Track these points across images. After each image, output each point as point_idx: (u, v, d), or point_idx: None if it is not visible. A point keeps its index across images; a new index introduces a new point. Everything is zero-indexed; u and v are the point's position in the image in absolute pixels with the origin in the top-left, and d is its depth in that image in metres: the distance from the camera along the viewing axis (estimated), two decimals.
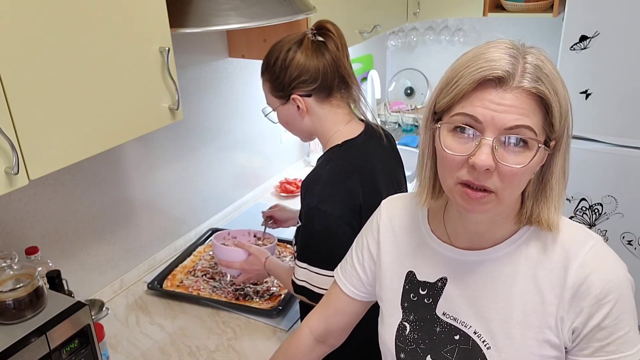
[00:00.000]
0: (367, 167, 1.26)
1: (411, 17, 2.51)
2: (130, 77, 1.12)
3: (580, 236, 0.83)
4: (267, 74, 1.27)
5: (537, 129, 0.74)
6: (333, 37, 1.23)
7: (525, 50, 0.75)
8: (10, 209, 1.33)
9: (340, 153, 1.25)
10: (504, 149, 0.74)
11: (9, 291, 1.04)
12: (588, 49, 2.17)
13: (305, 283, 1.25)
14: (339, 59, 1.24)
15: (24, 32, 0.91)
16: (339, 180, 1.21)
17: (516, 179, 0.75)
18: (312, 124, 1.29)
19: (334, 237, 1.19)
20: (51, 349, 1.03)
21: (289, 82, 1.23)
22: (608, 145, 2.26)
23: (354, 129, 1.29)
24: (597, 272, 0.79)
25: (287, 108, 1.28)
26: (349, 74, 1.27)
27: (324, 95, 1.26)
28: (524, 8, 2.39)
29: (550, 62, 0.76)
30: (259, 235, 1.73)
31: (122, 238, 1.68)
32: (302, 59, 1.21)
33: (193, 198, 1.93)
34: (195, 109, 1.84)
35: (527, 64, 0.74)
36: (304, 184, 1.24)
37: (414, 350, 0.92)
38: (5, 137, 0.89)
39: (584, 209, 2.37)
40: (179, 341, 1.45)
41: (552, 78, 0.74)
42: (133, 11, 1.10)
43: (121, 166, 1.63)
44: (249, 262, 1.46)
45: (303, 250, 1.25)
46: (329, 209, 1.18)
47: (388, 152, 1.37)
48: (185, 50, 1.75)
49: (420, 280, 0.92)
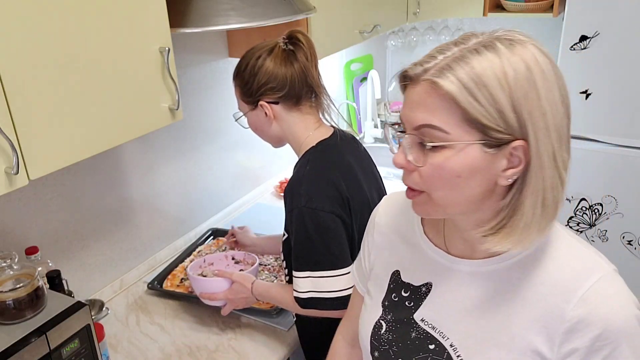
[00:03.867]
0: (345, 163, 1.27)
1: (411, 17, 2.51)
2: (130, 77, 1.12)
3: (588, 264, 0.74)
4: (237, 79, 1.29)
5: (450, 127, 0.67)
6: (303, 47, 1.24)
7: (483, 41, 0.68)
8: (10, 209, 1.33)
9: (317, 153, 1.26)
10: (418, 148, 0.71)
11: (9, 291, 1.04)
12: (588, 49, 2.17)
13: (312, 293, 1.21)
14: (307, 69, 1.24)
15: (24, 32, 0.91)
16: (322, 177, 1.21)
17: (438, 181, 0.70)
18: (281, 130, 1.30)
19: (329, 232, 1.18)
20: (51, 349, 1.03)
21: (257, 88, 1.25)
22: (608, 145, 2.26)
23: (325, 132, 1.31)
24: (598, 309, 0.70)
25: (256, 114, 1.29)
26: (317, 84, 1.28)
27: (292, 103, 1.26)
28: (524, 8, 2.39)
29: (527, 56, 0.67)
30: (237, 258, 1.63)
31: (122, 238, 1.68)
32: (270, 66, 1.23)
33: (193, 198, 1.93)
34: (195, 109, 1.84)
35: (449, 56, 0.67)
36: (287, 191, 1.23)
37: (386, 352, 0.88)
38: (5, 137, 0.89)
39: (584, 209, 2.37)
40: (179, 341, 1.45)
41: (479, 70, 0.66)
42: (133, 11, 1.10)
43: (121, 166, 1.63)
44: (233, 291, 1.39)
45: (300, 258, 1.22)
46: (318, 205, 1.18)
47: (360, 150, 1.39)
48: (185, 50, 1.75)
49: (404, 281, 0.88)
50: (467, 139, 0.68)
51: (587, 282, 0.72)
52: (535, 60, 0.68)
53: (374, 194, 1.33)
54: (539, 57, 0.68)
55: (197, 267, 1.55)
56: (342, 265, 1.19)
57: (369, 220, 1.01)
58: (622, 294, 0.72)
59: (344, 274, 1.19)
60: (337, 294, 1.19)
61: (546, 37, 2.69)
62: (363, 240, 1.02)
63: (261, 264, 1.71)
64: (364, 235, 1.02)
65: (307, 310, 1.24)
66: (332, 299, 1.19)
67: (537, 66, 0.68)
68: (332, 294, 1.19)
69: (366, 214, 1.24)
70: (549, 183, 0.70)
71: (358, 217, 1.24)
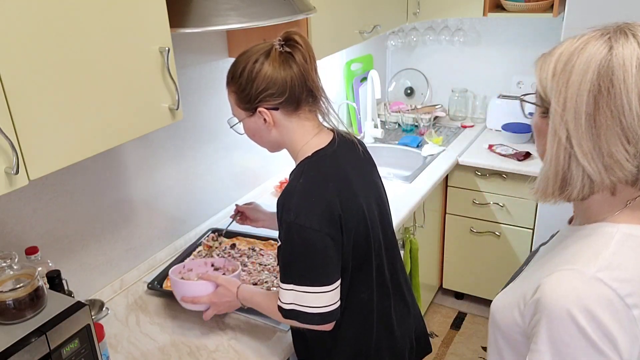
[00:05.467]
0: (341, 174, 1.22)
1: (411, 17, 2.51)
2: (130, 77, 1.12)
3: (577, 256, 0.81)
4: (233, 85, 1.21)
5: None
6: (301, 49, 1.17)
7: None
8: (10, 209, 1.33)
9: (311, 164, 1.21)
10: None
11: (9, 291, 1.04)
12: None
13: (294, 306, 1.18)
14: (306, 71, 1.18)
15: (24, 32, 0.91)
16: (314, 192, 1.17)
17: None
18: (280, 137, 1.25)
19: (316, 251, 1.15)
20: (51, 349, 1.03)
21: (255, 94, 1.17)
22: None
23: (323, 138, 1.25)
24: (546, 288, 0.78)
25: (254, 120, 1.22)
26: (317, 86, 1.22)
27: (292, 108, 1.20)
28: (524, 8, 2.39)
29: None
30: (217, 265, 1.58)
31: (122, 238, 1.68)
32: (269, 70, 1.16)
33: (193, 198, 1.93)
34: (195, 109, 1.84)
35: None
36: (279, 202, 1.20)
37: None
38: (5, 137, 0.89)
39: None
40: (179, 341, 1.45)
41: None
42: (133, 11, 1.10)
43: (121, 166, 1.63)
44: (218, 294, 1.36)
45: (286, 270, 1.19)
46: (307, 222, 1.13)
47: (360, 156, 1.33)
48: (185, 50, 1.75)
49: None
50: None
51: (563, 267, 0.79)
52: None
53: (372, 205, 1.28)
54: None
55: (177, 272, 1.50)
56: (327, 283, 1.16)
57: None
58: (575, 291, 0.75)
59: (329, 291, 1.17)
60: (319, 309, 1.17)
61: (546, 37, 2.69)
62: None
63: (261, 264, 1.71)
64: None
65: (288, 320, 1.22)
66: (312, 314, 1.17)
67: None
68: (314, 309, 1.17)
69: (361, 228, 1.22)
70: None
71: (352, 232, 1.20)
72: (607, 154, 0.75)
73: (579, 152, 0.75)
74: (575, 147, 0.76)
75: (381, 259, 1.30)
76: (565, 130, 0.76)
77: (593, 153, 0.75)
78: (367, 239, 1.24)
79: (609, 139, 0.74)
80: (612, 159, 0.75)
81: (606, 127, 0.73)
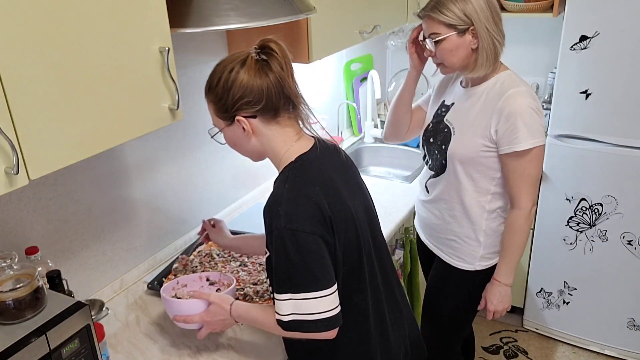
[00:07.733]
0: (326, 178, 1.21)
1: (411, 17, 2.51)
2: (130, 77, 1.12)
3: (514, 84, 1.57)
4: (210, 94, 1.21)
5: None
6: (277, 57, 1.16)
7: None
8: (10, 209, 1.33)
9: (296, 169, 1.20)
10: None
11: (9, 291, 1.04)
12: (588, 49, 2.17)
13: (294, 316, 1.15)
14: (283, 78, 1.17)
15: (24, 32, 0.91)
16: (301, 195, 1.16)
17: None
18: (260, 145, 1.24)
19: (311, 254, 1.13)
20: (51, 349, 1.03)
21: (232, 103, 1.17)
22: (608, 145, 2.26)
23: (305, 144, 1.24)
24: (508, 101, 1.53)
25: (233, 129, 1.22)
26: (295, 93, 1.20)
27: (270, 115, 1.19)
28: (524, 8, 2.39)
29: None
30: (212, 279, 1.53)
31: (122, 238, 1.68)
32: (245, 78, 1.15)
33: (193, 198, 1.93)
34: (195, 109, 1.84)
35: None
36: (266, 210, 1.18)
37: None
38: (5, 137, 0.89)
39: (584, 209, 2.38)
40: (179, 341, 1.45)
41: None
42: (133, 11, 1.10)
43: (121, 166, 1.63)
44: (210, 313, 1.31)
45: (281, 280, 1.15)
46: (299, 226, 1.12)
47: (343, 160, 1.33)
48: (185, 50, 1.75)
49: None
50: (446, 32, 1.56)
51: (509, 91, 1.55)
52: None
53: (359, 208, 1.27)
54: None
55: (170, 289, 1.47)
56: (324, 286, 1.14)
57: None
58: (524, 95, 1.53)
59: (328, 295, 1.14)
60: (321, 315, 1.14)
61: (546, 37, 2.69)
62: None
63: (261, 264, 1.71)
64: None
65: (291, 332, 1.18)
66: (315, 320, 1.14)
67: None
68: (315, 315, 1.14)
69: (351, 230, 1.20)
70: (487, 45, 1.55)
71: (342, 234, 1.19)
72: (503, 33, 1.58)
73: (495, 35, 1.54)
74: (493, 33, 1.55)
75: (372, 263, 1.29)
76: (485, 28, 1.53)
77: (499, 34, 1.56)
78: (358, 241, 1.22)
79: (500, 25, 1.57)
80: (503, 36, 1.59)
81: (499, 19, 1.56)
